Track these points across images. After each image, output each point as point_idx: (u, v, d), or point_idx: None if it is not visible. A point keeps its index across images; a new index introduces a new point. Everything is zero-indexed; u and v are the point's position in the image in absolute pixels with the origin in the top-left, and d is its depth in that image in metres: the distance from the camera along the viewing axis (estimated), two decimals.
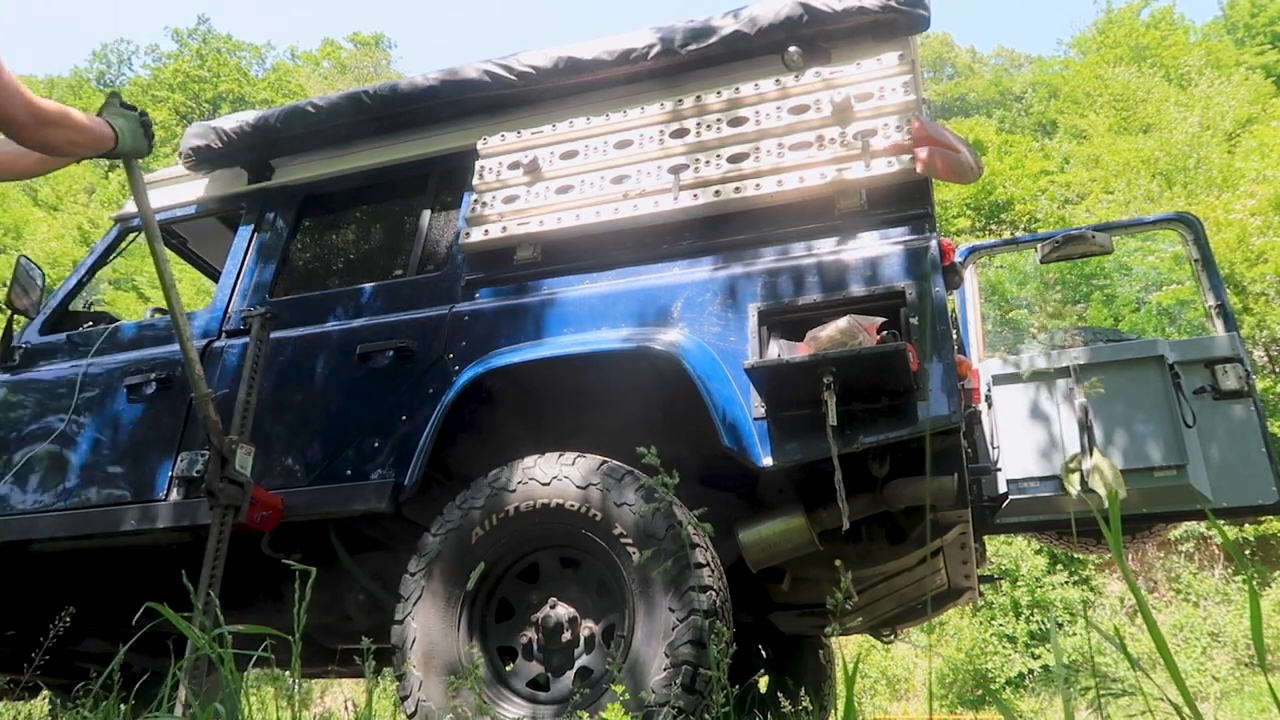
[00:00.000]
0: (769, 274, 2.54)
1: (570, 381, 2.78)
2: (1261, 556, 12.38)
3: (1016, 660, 11.68)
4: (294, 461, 2.82)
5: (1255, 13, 25.53)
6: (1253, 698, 9.54)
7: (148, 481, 2.95)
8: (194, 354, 2.55)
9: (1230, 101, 18.54)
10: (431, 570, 2.41)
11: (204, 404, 2.54)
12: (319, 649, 3.42)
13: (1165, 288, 13.11)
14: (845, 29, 2.83)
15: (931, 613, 3.81)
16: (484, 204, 2.97)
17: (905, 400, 2.25)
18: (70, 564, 3.31)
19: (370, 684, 1.90)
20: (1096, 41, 26.45)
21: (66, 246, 20.88)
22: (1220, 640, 11.37)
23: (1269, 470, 3.53)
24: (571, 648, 2.34)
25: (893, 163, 2.54)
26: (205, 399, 2.54)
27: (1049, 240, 4.24)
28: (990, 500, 3.77)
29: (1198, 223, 4.18)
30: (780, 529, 2.55)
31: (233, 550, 2.55)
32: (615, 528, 2.27)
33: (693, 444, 2.53)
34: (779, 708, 3.90)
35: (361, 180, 3.40)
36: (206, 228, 3.91)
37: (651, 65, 2.99)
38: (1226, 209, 13.64)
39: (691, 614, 2.12)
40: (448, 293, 2.96)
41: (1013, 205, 19.45)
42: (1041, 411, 3.83)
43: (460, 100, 3.20)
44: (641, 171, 2.82)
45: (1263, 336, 13.16)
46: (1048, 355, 3.92)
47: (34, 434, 3.16)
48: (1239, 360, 3.69)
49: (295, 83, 32.30)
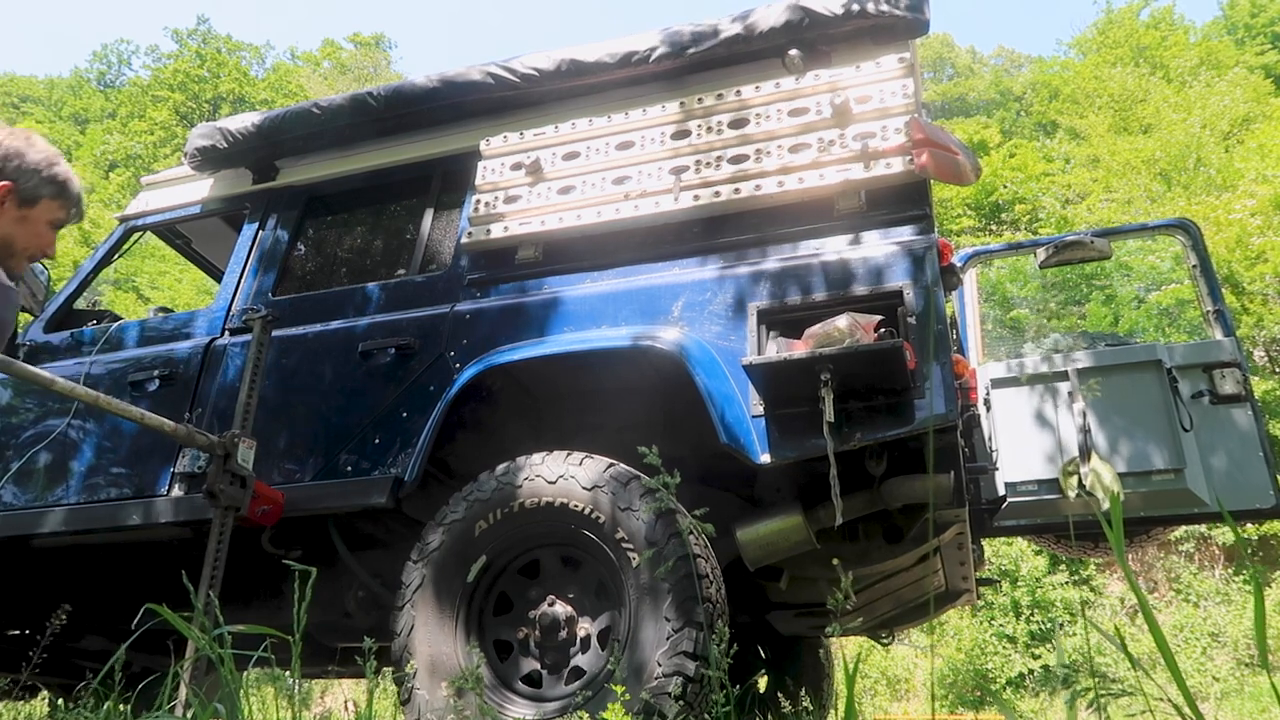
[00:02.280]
0: (768, 274, 2.56)
1: (570, 380, 2.80)
2: (1262, 556, 12.39)
3: (1016, 660, 11.68)
4: (295, 457, 2.84)
5: (1255, 13, 25.54)
6: (1253, 698, 9.54)
7: (150, 478, 2.97)
8: None
9: (1223, 100, 18.54)
10: (434, 560, 2.42)
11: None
12: (319, 648, 3.44)
13: (1164, 287, 13.11)
14: (845, 32, 2.85)
15: (930, 614, 3.81)
16: (486, 204, 2.99)
17: (902, 398, 2.27)
18: (71, 562, 3.32)
19: (370, 684, 1.91)
20: (1096, 42, 26.44)
21: (67, 246, 20.88)
22: (1220, 640, 11.37)
23: (1267, 474, 3.54)
24: (567, 646, 2.35)
25: (891, 164, 2.56)
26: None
27: (1048, 245, 4.26)
28: (989, 503, 3.79)
29: (1196, 229, 4.20)
30: (778, 527, 2.56)
31: (233, 548, 2.57)
32: (618, 531, 2.29)
33: (692, 443, 2.54)
34: (779, 708, 3.91)
35: (365, 181, 3.43)
36: (210, 227, 3.93)
37: (653, 68, 3.02)
38: (1226, 209, 13.64)
39: (688, 625, 2.13)
40: (449, 292, 2.98)
41: (1014, 205, 19.47)
42: (1040, 415, 3.84)
43: (463, 102, 3.22)
44: (642, 172, 2.84)
45: (1262, 337, 13.16)
46: (1046, 359, 3.93)
47: (37, 431, 3.18)
48: (1237, 365, 3.71)
49: (295, 83, 32.31)
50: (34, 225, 1.94)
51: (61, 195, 1.96)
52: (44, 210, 1.94)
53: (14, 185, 1.88)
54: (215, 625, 1.76)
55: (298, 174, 3.50)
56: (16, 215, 1.90)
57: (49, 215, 1.96)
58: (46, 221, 1.96)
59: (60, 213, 1.97)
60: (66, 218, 1.99)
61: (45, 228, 1.96)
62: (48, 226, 1.96)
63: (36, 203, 1.92)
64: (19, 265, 1.97)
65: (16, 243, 1.92)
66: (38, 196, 1.92)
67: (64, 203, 1.97)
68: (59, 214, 1.97)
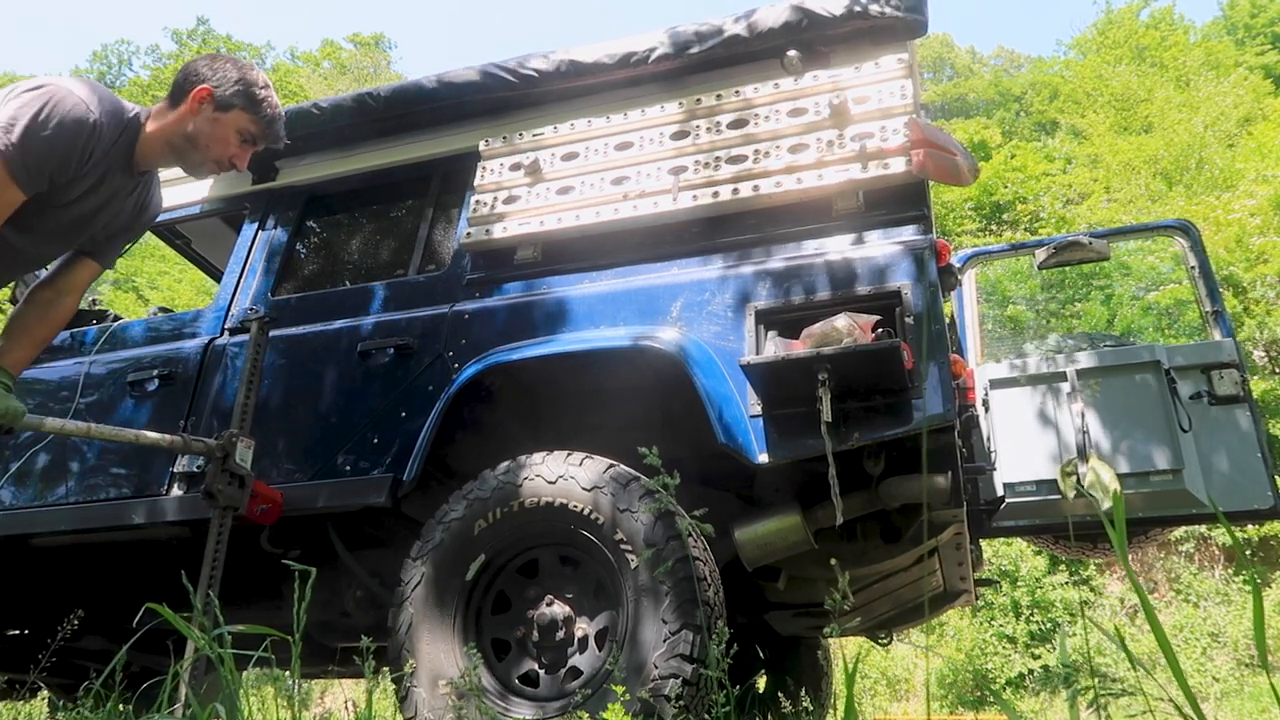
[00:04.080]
0: (767, 274, 2.56)
1: (569, 380, 2.80)
2: (1262, 557, 12.39)
3: (1016, 661, 11.68)
4: (294, 457, 2.85)
5: (1255, 13, 25.53)
6: (1253, 698, 9.54)
7: (149, 477, 2.97)
8: None
9: (1224, 101, 18.54)
10: (432, 558, 2.43)
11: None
12: (318, 648, 3.44)
13: (1163, 287, 13.11)
14: (844, 33, 2.85)
15: (928, 614, 3.81)
16: (485, 204, 3.00)
17: (900, 398, 2.27)
18: (71, 562, 3.33)
19: (370, 684, 1.91)
20: (1096, 42, 26.44)
21: None
22: (1220, 640, 11.37)
23: (1265, 475, 3.55)
24: (565, 646, 2.35)
25: (890, 165, 2.56)
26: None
27: (1047, 246, 4.27)
28: (987, 503, 3.79)
29: (1195, 230, 4.21)
30: (776, 527, 2.56)
31: (232, 548, 2.58)
32: (617, 532, 2.29)
33: (691, 443, 2.54)
34: (779, 708, 3.91)
35: (365, 181, 3.43)
36: (210, 227, 3.93)
37: (652, 69, 3.02)
38: (1226, 209, 13.64)
39: (685, 627, 2.13)
40: (449, 292, 2.99)
41: (1014, 205, 19.46)
42: (1038, 416, 3.85)
43: (463, 102, 3.23)
44: (641, 173, 2.85)
45: (1263, 337, 13.16)
46: (1045, 360, 3.94)
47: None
48: (1235, 366, 3.71)
49: (295, 83, 32.27)
50: (223, 130, 2.17)
51: (252, 108, 2.18)
52: (235, 118, 2.17)
53: (212, 90, 2.15)
54: (215, 625, 1.76)
55: (297, 174, 3.50)
56: (210, 117, 2.16)
57: (238, 124, 2.19)
58: (235, 130, 2.19)
59: (250, 125, 2.20)
60: (257, 133, 2.22)
61: (234, 136, 2.19)
62: (236, 135, 2.20)
63: (230, 109, 2.16)
64: (202, 165, 2.22)
65: (201, 141, 2.16)
66: (231, 104, 2.16)
67: (254, 117, 2.19)
68: (249, 126, 2.20)
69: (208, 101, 2.14)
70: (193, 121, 2.15)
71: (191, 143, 2.17)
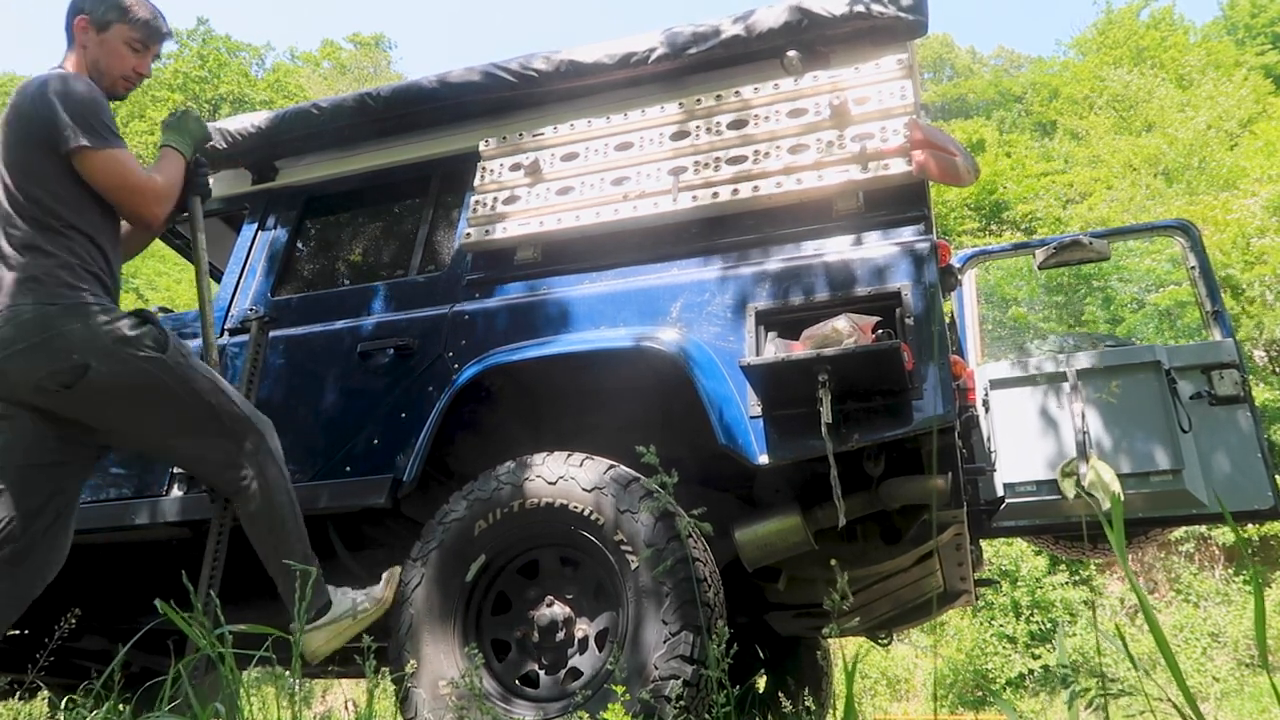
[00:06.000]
0: (767, 275, 2.56)
1: (569, 380, 2.80)
2: (1262, 557, 12.40)
3: (1017, 661, 11.68)
4: (294, 457, 2.84)
5: (1255, 13, 25.51)
6: (1253, 698, 9.55)
7: (149, 477, 2.97)
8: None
9: (1227, 101, 18.54)
10: (433, 558, 2.43)
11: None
12: None
13: (1163, 288, 13.11)
14: (844, 34, 2.85)
15: (927, 615, 3.81)
16: (485, 205, 3.00)
17: (900, 399, 2.27)
18: (70, 562, 3.32)
19: (370, 684, 1.92)
20: (1096, 42, 26.45)
21: None
22: (1220, 641, 11.37)
23: (1265, 475, 3.55)
24: (565, 647, 2.35)
25: (890, 166, 2.56)
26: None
27: (1047, 246, 4.27)
28: (987, 504, 3.79)
29: (1195, 230, 4.21)
30: (776, 528, 2.56)
31: (232, 547, 2.57)
32: (617, 533, 2.29)
33: (691, 444, 2.54)
34: (779, 708, 3.91)
35: (365, 181, 3.43)
36: (210, 228, 3.88)
37: (652, 69, 3.02)
38: (1225, 209, 13.63)
39: (685, 628, 2.13)
40: (449, 292, 2.99)
41: (1014, 205, 19.46)
42: (1038, 416, 3.85)
43: (463, 103, 3.22)
44: (641, 173, 2.84)
45: (1262, 338, 13.16)
46: (1045, 360, 3.94)
47: None
48: (1235, 366, 3.71)
49: (295, 83, 32.29)
50: (112, 46, 2.32)
51: (124, 17, 2.32)
52: (117, 34, 2.32)
53: (88, 17, 2.31)
54: (215, 625, 1.77)
55: (297, 174, 3.50)
56: (97, 41, 2.31)
57: (122, 36, 2.33)
58: (123, 42, 2.33)
59: (132, 32, 2.34)
60: (142, 37, 2.36)
61: (123, 48, 2.34)
62: (125, 47, 2.34)
63: (108, 28, 2.31)
64: (114, 86, 2.36)
65: (101, 64, 2.32)
66: (107, 22, 2.31)
67: (131, 25, 2.33)
68: (131, 34, 2.34)
69: (89, 29, 2.30)
70: (85, 53, 2.31)
71: (97, 69, 2.31)
